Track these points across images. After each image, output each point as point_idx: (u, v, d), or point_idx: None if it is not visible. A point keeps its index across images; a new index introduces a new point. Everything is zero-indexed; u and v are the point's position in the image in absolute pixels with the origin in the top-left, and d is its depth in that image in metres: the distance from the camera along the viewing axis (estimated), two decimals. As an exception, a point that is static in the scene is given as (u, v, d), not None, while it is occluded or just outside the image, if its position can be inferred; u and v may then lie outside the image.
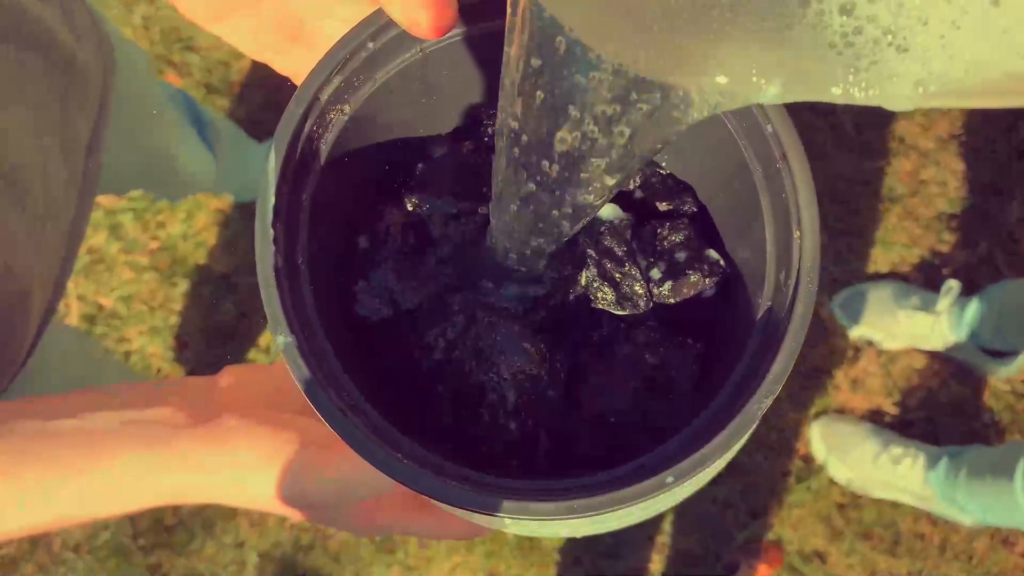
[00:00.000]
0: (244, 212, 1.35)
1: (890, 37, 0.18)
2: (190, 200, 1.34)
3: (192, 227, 1.35)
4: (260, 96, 1.39)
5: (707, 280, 0.30)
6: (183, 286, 1.35)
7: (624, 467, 0.25)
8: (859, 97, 0.19)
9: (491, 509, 0.24)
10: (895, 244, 1.35)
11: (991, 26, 0.17)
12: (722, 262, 0.31)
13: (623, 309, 0.31)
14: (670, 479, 0.23)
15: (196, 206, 1.35)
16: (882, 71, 0.19)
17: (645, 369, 0.29)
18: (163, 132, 0.88)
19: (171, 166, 0.93)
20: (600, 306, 0.31)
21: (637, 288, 0.31)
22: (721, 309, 0.31)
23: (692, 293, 0.30)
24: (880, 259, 1.35)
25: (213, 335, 1.34)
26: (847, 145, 1.37)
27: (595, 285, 0.30)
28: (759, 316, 0.26)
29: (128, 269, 1.35)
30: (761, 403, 0.23)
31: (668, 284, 0.30)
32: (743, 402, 0.24)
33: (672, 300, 0.31)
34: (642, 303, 0.31)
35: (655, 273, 0.31)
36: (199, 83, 1.39)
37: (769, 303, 0.26)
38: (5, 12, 0.49)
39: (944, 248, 1.35)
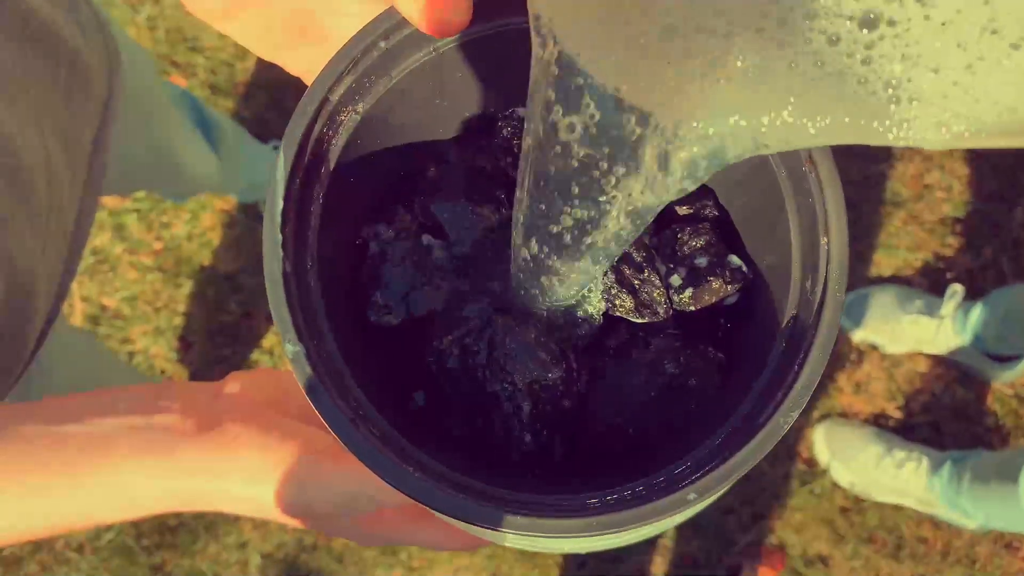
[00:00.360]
0: (248, 212, 1.35)
1: (891, 90, 0.18)
2: (194, 200, 1.33)
3: (196, 227, 1.35)
4: (265, 97, 1.38)
5: (729, 287, 0.29)
6: (187, 287, 1.34)
7: (643, 481, 0.24)
8: (891, 139, 0.19)
9: (505, 526, 0.23)
10: (899, 248, 1.34)
11: (1014, 70, 0.17)
12: (744, 268, 0.30)
13: (642, 317, 0.29)
14: (692, 496, 0.22)
15: (200, 206, 1.35)
16: (895, 117, 0.18)
17: (664, 378, 0.28)
18: (167, 133, 0.87)
19: (175, 167, 0.92)
20: (618, 313, 0.30)
21: (656, 295, 0.29)
22: (743, 317, 0.30)
23: (713, 300, 0.29)
24: (884, 263, 1.34)
25: (217, 336, 1.33)
26: (851, 148, 1.37)
27: (613, 292, 0.29)
28: (783, 324, 0.25)
29: (132, 270, 1.35)
30: (788, 416, 0.22)
31: (689, 291, 0.29)
32: (768, 414, 0.23)
33: (692, 307, 0.30)
34: (661, 310, 0.30)
35: (675, 279, 0.30)
36: (204, 83, 1.38)
37: (795, 311, 0.25)
38: (10, 11, 0.49)
39: (948, 252, 1.34)
